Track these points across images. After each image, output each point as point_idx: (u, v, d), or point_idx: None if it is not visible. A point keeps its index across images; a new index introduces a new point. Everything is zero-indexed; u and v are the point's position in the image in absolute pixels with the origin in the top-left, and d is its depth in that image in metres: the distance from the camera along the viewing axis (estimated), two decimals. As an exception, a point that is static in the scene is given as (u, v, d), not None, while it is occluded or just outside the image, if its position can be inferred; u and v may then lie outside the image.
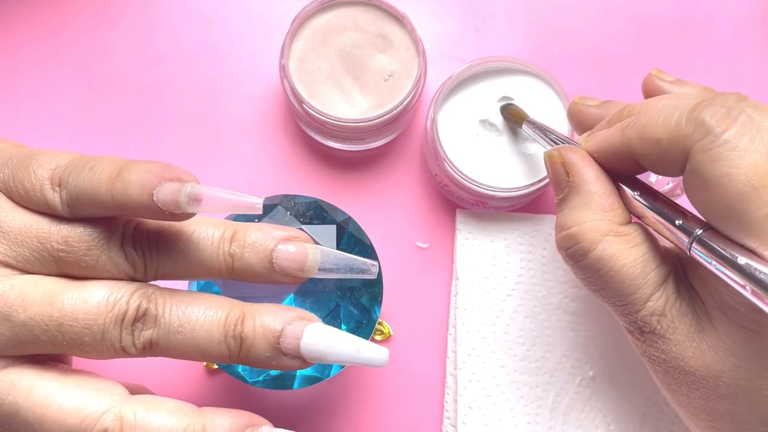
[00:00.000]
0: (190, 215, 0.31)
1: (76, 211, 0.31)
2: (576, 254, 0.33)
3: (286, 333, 0.32)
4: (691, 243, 0.30)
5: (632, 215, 0.34)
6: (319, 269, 0.34)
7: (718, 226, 0.30)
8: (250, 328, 0.32)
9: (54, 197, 0.31)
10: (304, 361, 0.32)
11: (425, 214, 0.48)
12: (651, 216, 0.33)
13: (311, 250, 0.34)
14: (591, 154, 0.35)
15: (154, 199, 0.30)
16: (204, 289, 0.39)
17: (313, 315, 0.34)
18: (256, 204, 0.32)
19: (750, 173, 0.28)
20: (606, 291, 0.34)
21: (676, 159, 0.30)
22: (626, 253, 0.33)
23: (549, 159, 0.36)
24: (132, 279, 0.32)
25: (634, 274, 0.32)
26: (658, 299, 0.32)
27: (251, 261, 0.33)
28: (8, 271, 0.31)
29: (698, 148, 0.29)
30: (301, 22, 0.46)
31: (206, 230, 0.33)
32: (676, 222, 0.31)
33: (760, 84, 0.51)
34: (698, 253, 0.30)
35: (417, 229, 0.48)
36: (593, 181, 0.34)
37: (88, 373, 0.32)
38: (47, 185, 0.31)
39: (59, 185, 0.31)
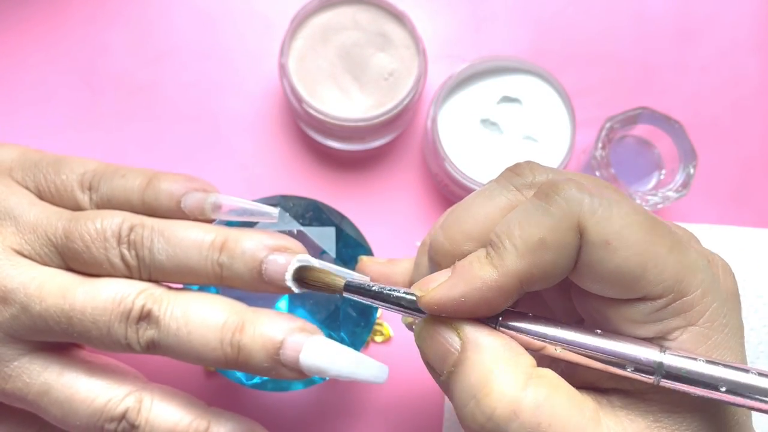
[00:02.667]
0: (212, 220, 0.35)
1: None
2: (504, 417, 0.25)
3: (287, 345, 0.32)
4: (660, 372, 0.26)
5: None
6: None
7: (632, 290, 0.26)
8: (249, 337, 0.32)
9: (84, 198, 0.35)
10: (302, 373, 0.32)
11: (425, 214, 0.48)
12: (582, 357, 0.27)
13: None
14: (451, 304, 0.27)
15: (182, 206, 0.34)
16: (201, 289, 0.39)
17: (314, 326, 0.33)
18: (273, 213, 0.35)
19: (641, 217, 0.26)
20: None
21: (570, 244, 0.26)
22: (557, 395, 0.26)
23: (425, 332, 0.28)
24: (130, 278, 0.34)
25: (575, 418, 0.26)
26: None
27: (240, 271, 0.33)
28: (28, 262, 0.33)
29: (587, 216, 0.26)
30: (300, 20, 0.45)
31: (197, 236, 0.33)
32: (628, 368, 0.26)
33: (760, 84, 0.50)
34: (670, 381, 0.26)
35: (417, 229, 0.48)
36: (489, 333, 0.27)
37: (112, 360, 0.35)
38: (77, 187, 0.35)
39: (89, 189, 0.35)
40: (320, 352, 0.32)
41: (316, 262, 0.33)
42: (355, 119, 0.44)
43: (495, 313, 0.28)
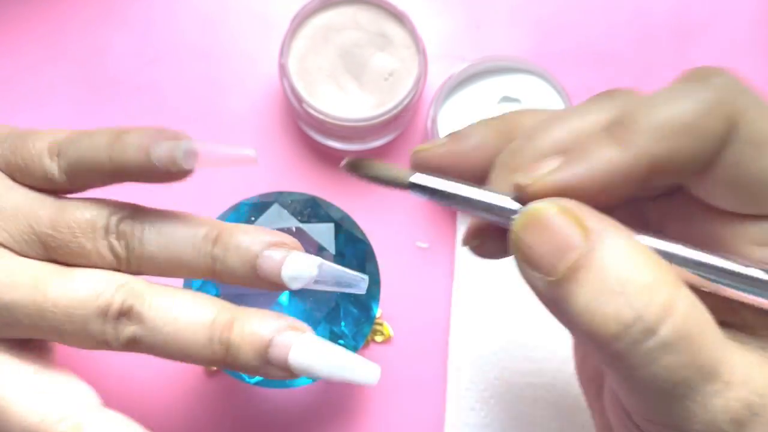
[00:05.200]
0: (188, 173, 0.31)
1: (75, 179, 0.32)
2: (656, 315, 0.22)
3: (275, 343, 0.31)
4: None
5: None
6: None
7: None
8: (237, 334, 0.31)
9: (52, 166, 0.32)
10: (291, 373, 0.31)
11: (425, 214, 0.48)
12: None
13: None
14: (570, 192, 0.24)
15: (152, 157, 0.30)
16: (202, 287, 0.39)
17: (305, 325, 0.32)
18: (251, 155, 0.31)
19: None
20: (689, 373, 0.22)
21: (719, 136, 0.23)
22: (701, 304, 0.23)
23: (532, 224, 0.23)
24: (118, 270, 0.32)
25: (716, 332, 0.23)
26: (744, 354, 0.23)
27: (233, 265, 0.31)
28: (3, 251, 0.31)
29: (743, 110, 0.24)
30: (300, 20, 0.45)
31: (191, 227, 0.32)
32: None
33: (760, 84, 0.50)
34: None
35: (417, 229, 0.48)
36: (617, 225, 0.23)
37: (67, 373, 0.32)
38: (45, 155, 0.32)
39: (57, 155, 0.32)
40: (310, 351, 0.31)
41: (311, 258, 0.32)
42: (355, 119, 0.44)
43: (611, 205, 0.24)
